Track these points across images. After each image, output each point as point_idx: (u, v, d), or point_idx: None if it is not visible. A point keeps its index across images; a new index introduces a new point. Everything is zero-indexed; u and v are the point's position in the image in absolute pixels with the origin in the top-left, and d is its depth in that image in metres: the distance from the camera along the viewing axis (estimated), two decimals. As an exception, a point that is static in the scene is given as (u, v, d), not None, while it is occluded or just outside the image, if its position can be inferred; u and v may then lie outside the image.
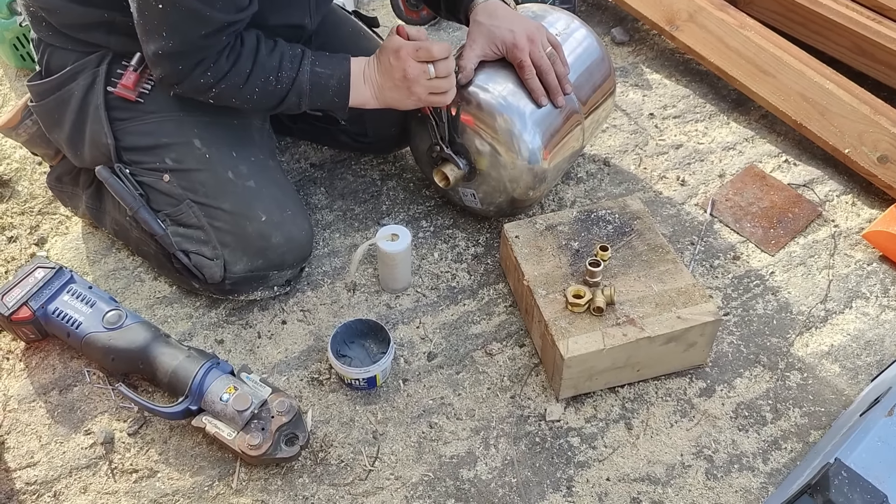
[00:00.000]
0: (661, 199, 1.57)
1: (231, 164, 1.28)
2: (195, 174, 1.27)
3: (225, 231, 1.26)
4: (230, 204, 1.26)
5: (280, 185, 1.32)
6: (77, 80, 1.27)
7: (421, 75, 1.23)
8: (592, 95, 1.43)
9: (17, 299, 1.27)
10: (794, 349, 1.32)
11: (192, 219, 1.27)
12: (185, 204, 1.26)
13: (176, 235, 1.28)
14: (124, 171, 1.27)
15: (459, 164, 1.35)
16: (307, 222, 1.34)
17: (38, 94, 1.32)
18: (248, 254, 1.27)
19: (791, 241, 1.49)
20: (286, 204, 1.30)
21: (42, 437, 1.22)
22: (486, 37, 1.30)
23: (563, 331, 1.20)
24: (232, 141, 1.30)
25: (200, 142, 1.27)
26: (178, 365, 1.20)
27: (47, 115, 1.33)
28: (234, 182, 1.27)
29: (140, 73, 1.26)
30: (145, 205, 1.28)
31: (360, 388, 1.26)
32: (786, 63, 1.65)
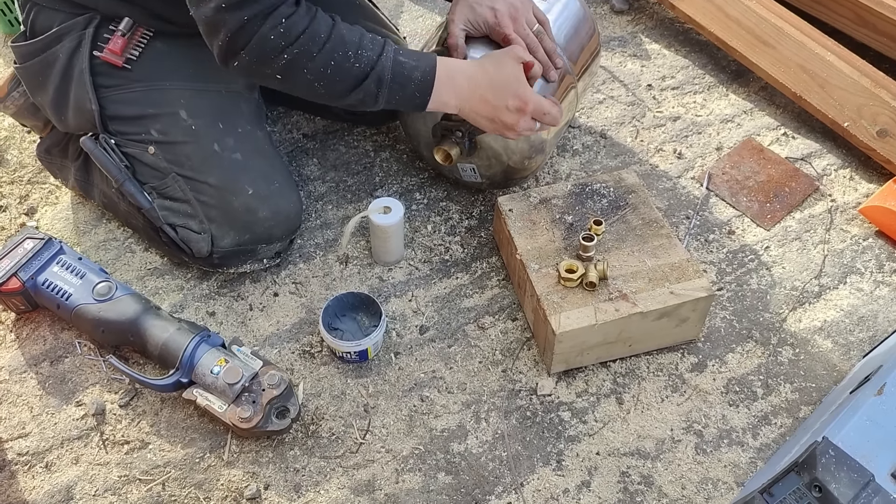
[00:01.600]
0: (658, 172, 1.55)
1: (217, 135, 1.26)
2: (180, 147, 1.25)
3: (211, 205, 1.25)
4: (216, 178, 1.25)
5: (268, 156, 1.30)
6: (62, 42, 1.24)
7: (527, 130, 1.20)
8: (581, 55, 1.42)
9: (6, 270, 1.26)
10: (786, 325, 1.32)
11: (178, 192, 1.25)
12: (170, 177, 1.25)
13: (162, 209, 1.26)
14: (109, 141, 1.26)
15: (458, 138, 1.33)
16: (296, 194, 1.32)
17: (21, 55, 1.30)
18: (235, 228, 1.26)
19: (787, 215, 1.48)
20: (273, 176, 1.28)
21: (33, 408, 1.22)
22: (469, 15, 1.26)
23: (555, 305, 1.19)
24: (219, 112, 1.28)
25: (186, 112, 1.25)
26: (169, 337, 1.20)
27: (31, 78, 1.31)
28: (219, 155, 1.25)
29: (128, 39, 1.23)
30: (131, 177, 1.26)
31: (351, 361, 1.26)
32: (786, 34, 1.62)
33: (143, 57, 1.24)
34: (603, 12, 1.90)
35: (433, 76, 1.13)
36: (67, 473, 1.15)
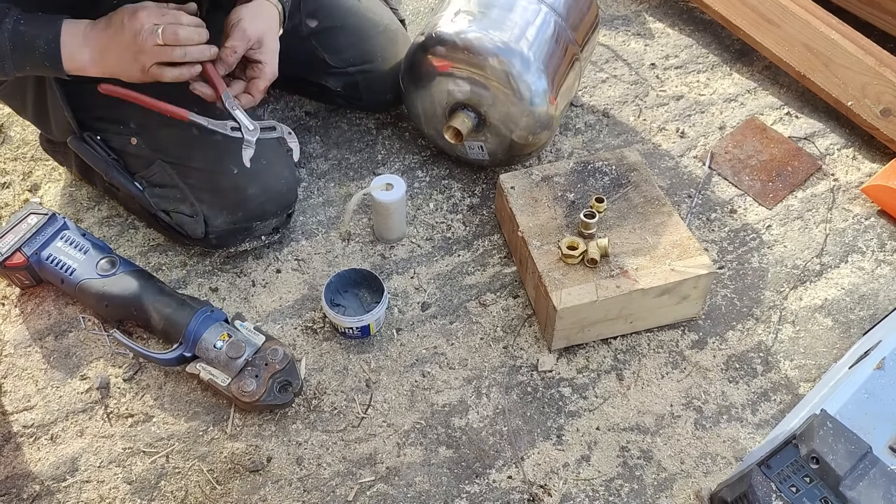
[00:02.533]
0: (660, 151, 1.55)
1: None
2: (160, 135, 1.25)
3: (199, 188, 1.25)
4: (200, 160, 1.25)
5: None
6: None
7: (150, 38, 1.07)
8: (581, 26, 1.42)
9: (11, 245, 1.26)
10: (787, 303, 1.32)
11: (165, 178, 1.26)
12: (156, 164, 1.26)
13: (153, 196, 1.27)
14: (95, 137, 1.27)
15: (468, 115, 1.34)
16: (287, 169, 1.32)
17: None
18: (226, 207, 1.26)
19: (789, 194, 1.48)
20: (261, 153, 1.27)
21: (38, 381, 1.23)
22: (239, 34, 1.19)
23: (556, 282, 1.20)
24: (193, 97, 1.23)
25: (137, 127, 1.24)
26: (172, 312, 1.20)
27: (10, 100, 1.34)
28: (200, 138, 1.24)
29: None
30: (118, 168, 1.27)
31: (353, 336, 1.26)
32: (791, 12, 1.62)
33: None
34: (607, -9, 1.89)
35: (58, 42, 1.08)
36: (72, 445, 1.16)
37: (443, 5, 1.38)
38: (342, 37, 1.43)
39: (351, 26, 1.43)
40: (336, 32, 1.43)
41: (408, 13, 1.82)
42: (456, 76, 1.32)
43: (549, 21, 1.36)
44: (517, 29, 1.31)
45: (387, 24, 1.48)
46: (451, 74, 1.32)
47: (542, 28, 1.34)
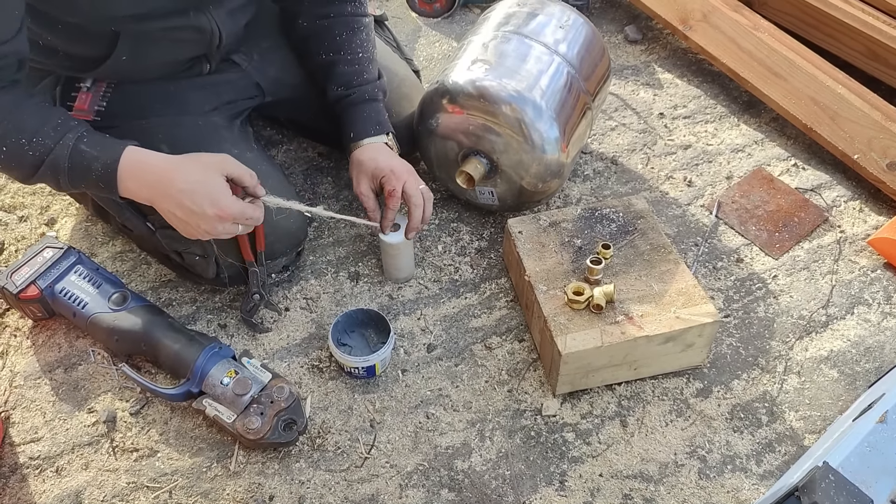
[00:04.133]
0: (668, 199, 1.57)
1: None
2: None
3: None
4: None
5: (261, 175, 1.28)
6: None
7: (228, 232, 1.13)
8: (593, 76, 1.46)
9: (26, 278, 1.29)
10: (793, 353, 1.32)
11: None
12: None
13: (165, 237, 1.29)
14: None
15: (481, 161, 1.36)
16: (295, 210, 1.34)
17: None
18: (236, 249, 1.28)
19: (796, 245, 1.49)
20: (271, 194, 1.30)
21: (46, 413, 1.24)
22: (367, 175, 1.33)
23: (561, 327, 1.20)
24: (200, 140, 1.29)
25: (168, 146, 1.24)
26: (181, 348, 1.22)
27: None
28: None
29: (93, 93, 1.26)
30: (130, 209, 1.28)
31: (359, 376, 1.27)
32: (798, 66, 1.65)
33: (114, 102, 1.27)
34: (617, 41, 1.93)
35: (115, 168, 1.07)
36: (77, 479, 1.17)
37: (458, 53, 1.42)
38: None
39: None
40: None
41: (421, 59, 1.86)
42: (469, 123, 1.35)
43: (562, 71, 1.39)
44: (530, 78, 1.34)
45: (401, 79, 1.51)
46: (465, 121, 1.35)
47: (555, 78, 1.38)
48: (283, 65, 1.42)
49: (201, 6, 1.19)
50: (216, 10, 1.21)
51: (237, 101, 1.38)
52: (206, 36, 1.22)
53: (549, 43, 1.40)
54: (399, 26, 1.95)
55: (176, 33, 1.18)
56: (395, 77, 1.50)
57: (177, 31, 1.18)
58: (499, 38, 1.40)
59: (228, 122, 1.36)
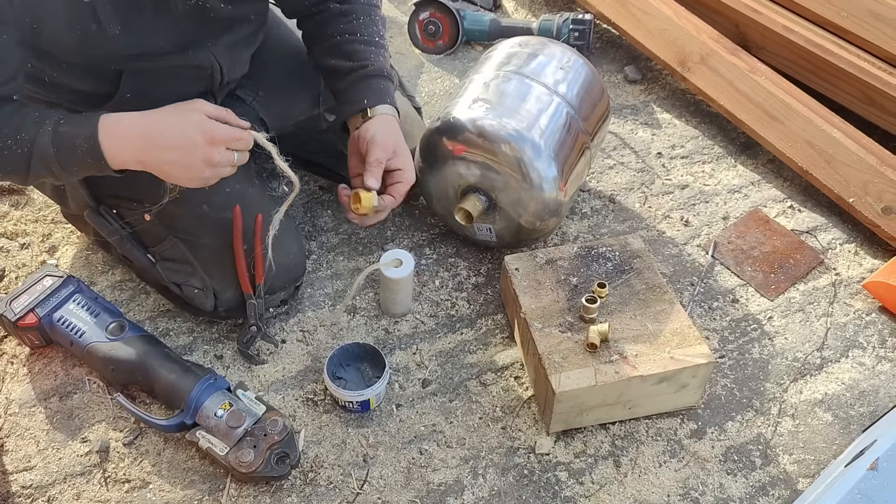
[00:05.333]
0: (664, 238, 1.58)
1: (204, 197, 1.28)
2: (172, 212, 1.28)
3: (209, 263, 1.29)
4: (209, 237, 1.29)
5: (261, 210, 1.32)
6: None
7: (226, 163, 1.10)
8: (592, 116, 1.48)
9: (25, 305, 1.30)
10: (787, 395, 1.32)
11: (177, 253, 1.30)
12: (168, 240, 1.30)
13: (164, 269, 1.30)
14: (111, 212, 1.31)
15: (479, 198, 1.38)
16: (295, 245, 1.36)
17: None
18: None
19: (791, 286, 1.50)
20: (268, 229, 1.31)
21: (40, 442, 1.24)
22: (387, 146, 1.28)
23: (556, 365, 1.21)
24: None
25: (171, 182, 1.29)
26: (176, 378, 1.22)
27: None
28: (209, 215, 1.29)
29: None
30: (132, 242, 1.31)
31: (353, 410, 1.27)
32: (794, 109, 1.67)
33: None
34: (617, 81, 1.96)
35: (97, 139, 1.06)
36: (67, 509, 1.16)
37: (459, 91, 1.44)
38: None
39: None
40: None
41: (423, 94, 1.89)
42: (469, 160, 1.37)
43: (562, 111, 1.41)
44: (530, 118, 1.36)
45: (403, 115, 1.52)
46: (465, 158, 1.37)
47: (555, 118, 1.39)
48: (289, 101, 1.44)
49: (200, 43, 1.20)
50: (215, 45, 1.22)
51: None
52: (206, 72, 1.24)
53: (549, 83, 1.42)
54: (402, 62, 1.98)
55: (177, 71, 1.20)
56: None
57: (178, 69, 1.19)
58: (500, 77, 1.42)
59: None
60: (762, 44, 1.85)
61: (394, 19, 2.13)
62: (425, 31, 1.98)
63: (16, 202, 1.61)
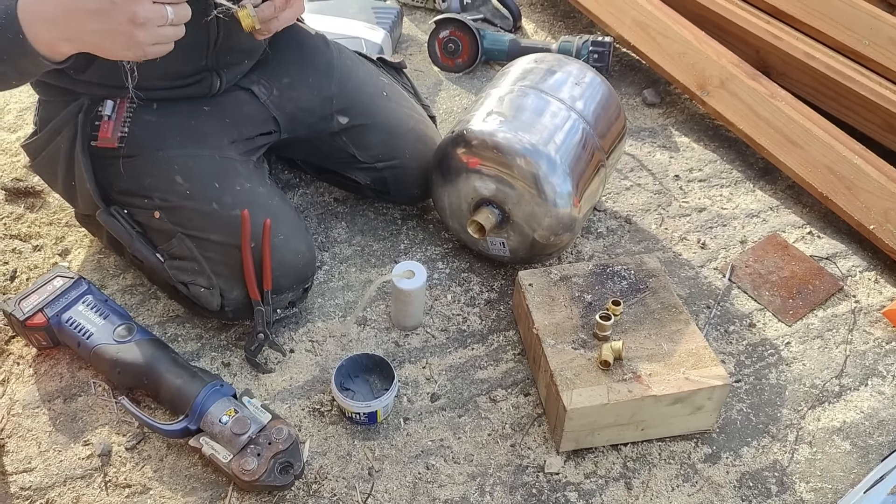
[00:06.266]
0: (680, 260, 1.56)
1: (214, 195, 1.29)
2: (181, 209, 1.29)
3: (217, 261, 1.28)
4: (218, 234, 1.28)
5: (271, 210, 1.32)
6: (61, 133, 1.32)
7: (156, 19, 0.96)
8: (609, 134, 1.47)
9: (34, 305, 1.29)
10: (805, 422, 1.29)
11: (185, 251, 1.29)
12: (176, 237, 1.29)
13: (172, 268, 1.30)
14: (122, 211, 1.31)
15: (493, 212, 1.37)
16: (304, 244, 1.35)
17: (31, 153, 1.40)
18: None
19: (810, 312, 1.47)
20: (277, 229, 1.31)
21: (41, 443, 1.22)
22: None
23: (568, 382, 1.18)
24: (213, 174, 1.31)
25: (181, 177, 1.29)
26: (182, 383, 1.21)
27: (43, 173, 1.42)
28: (218, 213, 1.29)
29: (114, 121, 1.29)
30: (141, 241, 1.30)
31: (360, 422, 1.25)
32: (814, 135, 1.65)
33: (134, 131, 1.30)
34: (635, 104, 1.96)
35: (15, 13, 0.96)
36: (66, 512, 1.14)
37: (475, 105, 1.44)
38: (371, 134, 1.49)
39: (380, 124, 1.49)
40: (365, 130, 1.49)
41: (441, 111, 1.89)
42: (484, 173, 1.36)
43: (578, 127, 1.40)
44: (546, 132, 1.35)
45: (416, 122, 1.53)
46: (479, 171, 1.36)
47: (571, 133, 1.39)
48: (301, 103, 1.44)
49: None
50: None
51: (254, 138, 1.40)
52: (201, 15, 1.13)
53: (566, 99, 1.41)
54: (421, 79, 1.99)
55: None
56: (411, 119, 1.52)
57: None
58: (515, 91, 1.42)
59: (244, 157, 1.38)
60: (783, 70, 1.84)
61: (414, 38, 2.14)
62: (445, 49, 1.99)
63: (31, 205, 1.61)
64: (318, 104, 1.46)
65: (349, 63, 1.52)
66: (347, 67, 1.51)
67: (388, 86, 1.56)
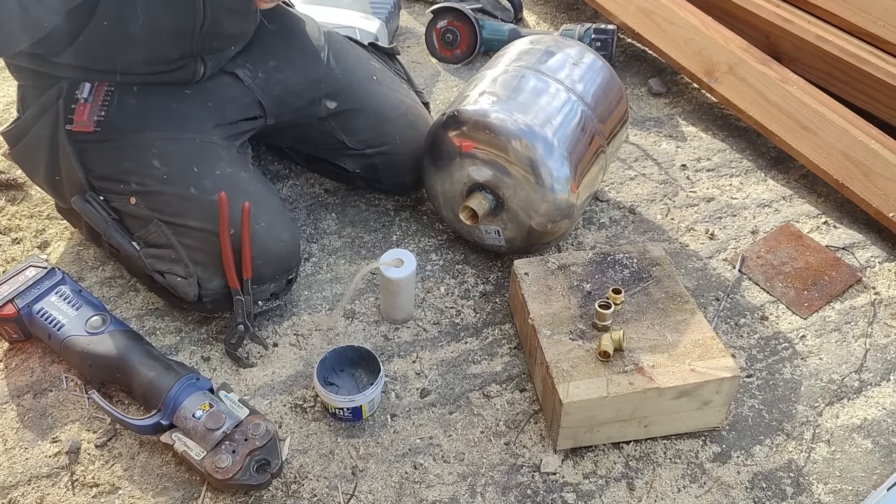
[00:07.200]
0: (688, 251, 1.48)
1: (192, 179, 1.23)
2: (157, 194, 1.23)
3: (195, 248, 1.22)
4: (196, 220, 1.22)
5: (252, 195, 1.25)
6: (41, 120, 1.27)
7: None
8: (610, 119, 1.40)
9: (4, 296, 1.23)
10: (822, 420, 1.20)
11: (161, 238, 1.23)
12: (153, 224, 1.23)
13: (148, 256, 1.23)
14: (98, 198, 1.26)
15: (486, 197, 1.30)
16: (287, 232, 1.28)
17: (11, 140, 1.33)
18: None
19: (826, 305, 1.38)
20: (259, 215, 1.24)
21: (8, 441, 1.16)
22: None
23: (564, 374, 1.10)
24: (193, 158, 1.26)
25: (159, 161, 1.24)
26: (155, 376, 1.14)
27: (24, 162, 1.35)
28: (197, 197, 1.22)
29: (91, 104, 1.24)
30: (117, 229, 1.25)
31: (344, 418, 1.18)
32: (829, 120, 1.57)
33: (112, 114, 1.25)
34: (640, 94, 1.88)
35: None
36: (29, 512, 1.07)
37: (469, 87, 1.37)
38: (360, 119, 1.43)
39: (370, 109, 1.43)
40: (354, 114, 1.43)
41: (438, 103, 1.82)
42: (477, 157, 1.29)
43: (577, 110, 1.33)
44: (543, 114, 1.28)
45: (408, 107, 1.47)
46: (473, 155, 1.29)
47: (569, 116, 1.32)
48: (288, 86, 1.38)
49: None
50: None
51: (238, 122, 1.34)
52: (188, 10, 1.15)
53: (564, 80, 1.34)
54: (418, 70, 1.93)
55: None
56: (402, 104, 1.46)
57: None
58: (510, 72, 1.35)
59: (227, 142, 1.32)
60: (795, 55, 1.76)
61: (411, 29, 2.09)
62: (443, 39, 1.92)
63: (13, 197, 1.56)
64: (305, 87, 1.40)
65: (338, 46, 1.46)
66: (336, 51, 1.45)
67: (378, 70, 1.50)
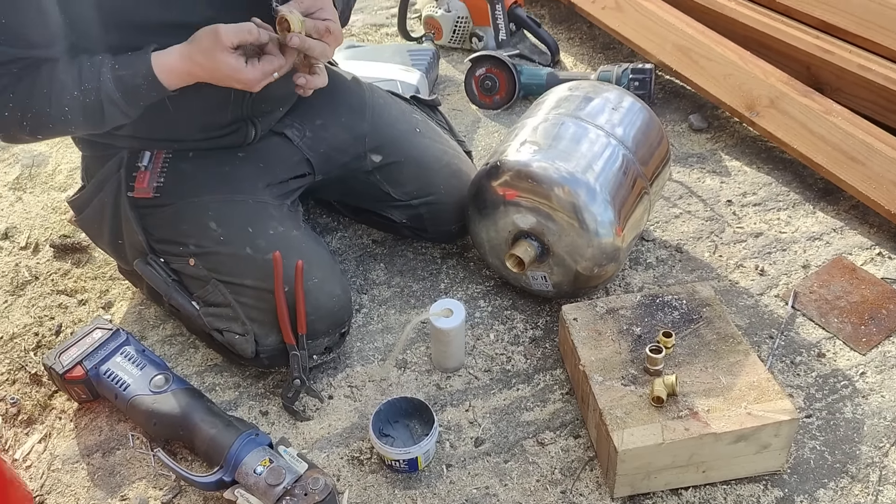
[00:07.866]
0: (738, 288, 1.47)
1: (248, 240, 1.28)
2: (215, 255, 1.28)
3: (251, 306, 1.26)
4: (252, 279, 1.26)
5: (304, 253, 1.29)
6: (104, 188, 1.34)
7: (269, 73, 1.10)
8: (651, 161, 1.40)
9: (73, 358, 1.28)
10: (888, 460, 1.17)
11: (219, 297, 1.28)
12: (211, 283, 1.28)
13: (207, 315, 1.28)
14: (158, 260, 1.31)
15: (531, 244, 1.32)
16: (339, 287, 1.31)
17: (77, 208, 1.42)
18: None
19: (885, 339, 1.35)
20: (312, 272, 1.28)
21: (80, 499, 1.20)
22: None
23: (618, 421, 1.10)
24: (248, 218, 1.31)
25: (216, 223, 1.29)
26: (216, 433, 1.17)
27: (89, 228, 1.43)
28: (252, 257, 1.27)
29: (150, 171, 1.32)
30: (177, 289, 1.30)
31: (400, 470, 1.19)
32: (876, 150, 1.55)
33: (169, 181, 1.32)
34: (681, 130, 1.89)
35: (152, 74, 1.10)
36: (101, 570, 1.11)
37: (510, 136, 1.40)
38: (405, 171, 1.47)
39: (413, 160, 1.47)
40: (399, 167, 1.47)
41: (479, 149, 1.85)
42: (521, 205, 1.31)
43: (618, 154, 1.34)
44: (584, 160, 1.30)
45: (450, 157, 1.50)
46: (516, 203, 1.31)
47: (611, 160, 1.33)
48: (334, 143, 1.43)
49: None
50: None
51: (288, 181, 1.40)
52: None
53: (604, 125, 1.36)
54: (458, 118, 1.96)
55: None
56: (445, 155, 1.49)
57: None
58: (550, 120, 1.37)
59: (279, 201, 1.37)
60: (837, 85, 1.75)
61: (451, 78, 2.13)
62: (482, 86, 1.96)
63: (78, 260, 1.63)
64: (350, 143, 1.44)
65: (381, 101, 1.51)
66: (379, 105, 1.50)
67: (421, 122, 1.54)
